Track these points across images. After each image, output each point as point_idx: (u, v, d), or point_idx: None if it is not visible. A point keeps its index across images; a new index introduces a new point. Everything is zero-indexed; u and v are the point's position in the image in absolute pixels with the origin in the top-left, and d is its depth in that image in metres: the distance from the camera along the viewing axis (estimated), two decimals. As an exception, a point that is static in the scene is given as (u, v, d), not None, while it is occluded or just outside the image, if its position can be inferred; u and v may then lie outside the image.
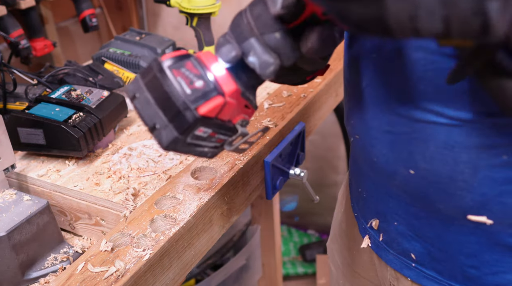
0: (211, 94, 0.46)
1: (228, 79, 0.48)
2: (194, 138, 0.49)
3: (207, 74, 0.47)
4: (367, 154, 0.58)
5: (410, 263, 0.60)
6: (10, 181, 0.85)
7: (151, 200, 0.72)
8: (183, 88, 0.45)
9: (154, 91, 0.46)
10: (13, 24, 1.23)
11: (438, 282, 0.58)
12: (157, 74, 0.45)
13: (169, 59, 0.47)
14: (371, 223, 0.65)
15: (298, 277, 1.92)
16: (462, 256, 0.54)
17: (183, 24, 1.79)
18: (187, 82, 0.45)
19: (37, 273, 0.71)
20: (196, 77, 0.46)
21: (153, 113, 0.46)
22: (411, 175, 0.52)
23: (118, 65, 1.21)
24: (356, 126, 0.60)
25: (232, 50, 0.48)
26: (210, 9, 1.15)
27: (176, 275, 0.68)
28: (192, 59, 0.48)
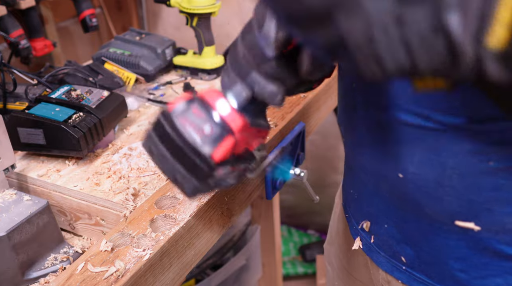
0: (221, 137, 0.46)
1: (235, 115, 0.48)
2: (216, 179, 0.49)
3: (214, 116, 0.47)
4: (357, 156, 0.59)
5: (400, 266, 0.60)
6: (10, 181, 0.85)
7: (151, 200, 0.72)
8: (194, 139, 0.46)
9: (168, 144, 0.47)
10: (13, 24, 1.23)
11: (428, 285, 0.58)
12: (167, 129, 0.46)
13: (176, 107, 0.47)
14: (362, 225, 0.65)
15: (298, 277, 1.92)
16: (451, 260, 0.54)
17: (183, 24, 1.79)
18: (196, 130, 0.46)
19: (37, 273, 0.71)
20: (204, 122, 0.46)
21: (171, 167, 0.47)
22: (400, 179, 0.52)
23: (118, 65, 1.21)
24: (347, 128, 0.60)
25: (242, 92, 0.48)
26: (210, 9, 1.15)
27: (176, 275, 0.68)
28: (197, 103, 0.47)
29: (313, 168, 1.93)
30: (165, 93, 1.16)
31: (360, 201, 0.64)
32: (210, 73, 1.21)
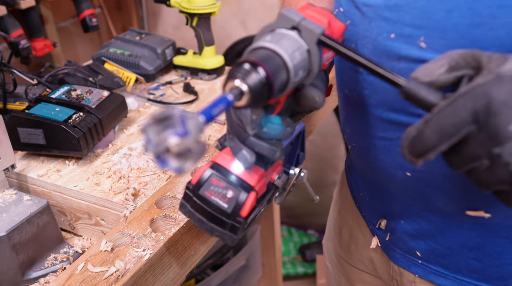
0: (244, 196, 0.52)
1: (249, 172, 0.53)
2: (250, 222, 0.56)
3: (231, 180, 0.53)
4: (365, 160, 0.60)
5: (416, 260, 0.61)
6: (10, 181, 0.85)
7: (151, 200, 0.72)
8: (221, 206, 0.52)
9: (202, 212, 0.53)
10: (13, 24, 1.23)
11: (444, 277, 0.59)
12: (196, 201, 0.53)
13: (199, 181, 0.53)
14: (379, 224, 0.66)
15: (298, 277, 1.92)
16: (466, 250, 0.55)
17: (183, 24, 1.79)
18: (220, 197, 0.52)
19: (37, 273, 0.71)
20: (225, 189, 0.52)
21: (210, 227, 0.54)
22: (409, 177, 0.53)
23: (118, 65, 1.21)
24: (352, 134, 0.61)
25: (247, 157, 0.52)
26: (210, 9, 1.15)
27: (176, 275, 0.68)
28: (214, 172, 0.53)
29: (313, 168, 1.93)
30: (165, 93, 1.16)
31: (373, 201, 0.66)
32: (210, 73, 1.21)
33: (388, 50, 0.49)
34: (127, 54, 1.22)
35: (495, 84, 0.36)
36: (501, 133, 0.35)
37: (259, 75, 0.39)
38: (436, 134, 0.37)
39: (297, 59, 0.42)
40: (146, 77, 1.20)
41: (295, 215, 2.08)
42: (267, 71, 0.39)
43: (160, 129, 0.32)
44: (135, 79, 1.18)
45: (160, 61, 1.23)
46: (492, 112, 0.35)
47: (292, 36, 0.43)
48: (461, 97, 0.36)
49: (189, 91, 1.15)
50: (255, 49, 0.42)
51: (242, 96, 0.39)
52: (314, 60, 0.44)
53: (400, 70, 0.49)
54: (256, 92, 0.39)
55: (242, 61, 0.40)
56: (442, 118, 0.37)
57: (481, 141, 0.36)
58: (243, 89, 0.38)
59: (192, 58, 1.23)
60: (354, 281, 0.81)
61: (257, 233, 1.31)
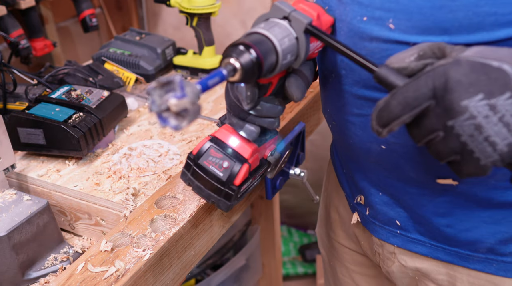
0: (238, 167, 0.59)
1: (244, 146, 0.60)
2: (243, 192, 0.63)
3: (228, 152, 0.60)
4: (344, 137, 0.65)
5: (395, 230, 0.66)
6: (10, 181, 0.85)
7: (151, 200, 0.72)
8: (217, 174, 0.59)
9: (200, 180, 0.61)
10: (13, 24, 1.22)
11: (422, 244, 0.63)
12: (196, 170, 0.61)
13: (199, 151, 0.60)
14: (357, 199, 0.70)
15: (298, 277, 1.92)
16: (439, 217, 0.59)
17: (183, 24, 1.79)
18: (217, 167, 0.59)
19: (37, 273, 0.71)
20: (221, 160, 0.59)
21: (207, 194, 0.62)
22: (383, 150, 0.58)
23: (118, 65, 1.21)
24: (332, 113, 0.66)
25: (253, 129, 0.61)
26: (210, 9, 1.15)
27: (176, 275, 0.68)
28: (213, 144, 0.60)
29: (313, 168, 1.93)
30: (165, 93, 1.16)
31: (353, 177, 0.69)
32: (210, 73, 1.21)
33: (361, 32, 0.54)
34: (127, 54, 1.22)
35: (453, 66, 0.41)
36: (455, 107, 0.41)
37: (251, 56, 0.45)
38: (400, 105, 0.43)
39: (286, 44, 0.49)
40: (146, 77, 1.20)
41: (295, 215, 2.08)
42: (258, 53, 0.45)
43: (162, 92, 0.37)
44: (135, 79, 1.18)
45: (160, 61, 1.23)
46: (448, 89, 0.41)
47: (283, 24, 0.49)
48: (424, 75, 0.42)
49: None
50: (250, 33, 0.48)
51: (235, 72, 0.45)
52: (301, 46, 0.51)
53: (372, 50, 0.53)
54: (248, 70, 0.45)
55: (237, 43, 0.46)
56: (406, 92, 0.43)
57: (438, 115, 0.42)
58: (236, 66, 0.45)
59: (192, 58, 1.23)
60: (346, 261, 0.84)
61: (257, 233, 1.31)
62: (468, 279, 0.62)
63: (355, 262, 0.83)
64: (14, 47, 1.22)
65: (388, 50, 0.52)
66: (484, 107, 0.40)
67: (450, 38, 0.48)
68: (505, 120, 0.40)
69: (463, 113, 0.40)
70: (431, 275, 0.65)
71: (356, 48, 0.55)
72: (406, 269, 0.68)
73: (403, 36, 0.50)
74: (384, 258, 0.71)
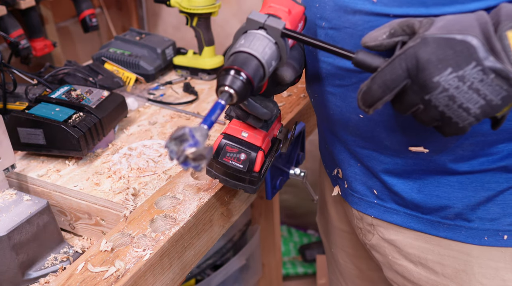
0: (254, 155, 0.65)
1: (254, 135, 0.66)
2: (264, 172, 0.68)
3: (242, 145, 0.66)
4: (325, 109, 0.69)
5: (373, 201, 0.69)
6: (10, 181, 0.85)
7: (151, 200, 0.72)
8: (238, 167, 0.65)
9: (224, 174, 0.67)
10: (13, 24, 1.22)
11: (397, 213, 0.67)
12: (219, 166, 0.67)
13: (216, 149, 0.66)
14: (335, 172, 0.75)
15: (298, 277, 1.91)
16: (411, 183, 0.63)
17: (183, 24, 1.79)
18: (236, 160, 0.65)
19: (37, 273, 0.71)
20: (238, 153, 0.65)
21: (233, 184, 0.68)
22: (361, 119, 0.62)
23: (118, 65, 1.21)
24: (315, 87, 0.69)
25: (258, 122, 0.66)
26: (210, 9, 1.15)
27: (176, 275, 0.68)
28: (227, 142, 0.66)
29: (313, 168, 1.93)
30: (165, 93, 1.16)
31: (333, 151, 0.73)
32: (210, 73, 1.21)
33: (346, 5, 0.58)
34: (127, 54, 1.22)
35: (421, 46, 0.46)
36: (428, 84, 0.46)
37: (242, 78, 0.50)
38: (380, 88, 0.48)
39: (268, 54, 0.53)
40: (146, 77, 1.20)
41: (295, 215, 2.08)
42: (247, 74, 0.50)
43: (177, 143, 0.43)
44: (135, 79, 1.18)
45: (160, 61, 1.23)
46: (420, 68, 0.46)
47: (261, 35, 0.53)
48: (397, 58, 0.47)
49: (189, 91, 1.15)
50: (234, 53, 0.53)
51: (232, 98, 0.50)
52: (282, 50, 0.55)
53: (355, 22, 0.57)
54: (242, 92, 0.50)
55: (226, 69, 0.50)
56: (384, 75, 0.48)
57: (415, 91, 0.47)
58: (232, 93, 0.49)
59: (192, 58, 1.23)
60: (345, 246, 0.87)
61: (257, 233, 1.31)
62: (439, 251, 0.65)
63: (352, 246, 0.85)
64: (14, 47, 1.22)
65: (370, 22, 0.56)
66: (454, 80, 0.45)
67: (427, 10, 0.52)
68: (474, 87, 0.45)
69: (436, 88, 0.45)
70: (403, 249, 0.68)
71: (340, 21, 0.59)
72: (384, 242, 0.71)
73: (384, 9, 0.54)
74: (365, 232, 0.74)
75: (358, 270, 0.88)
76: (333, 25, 0.60)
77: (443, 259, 0.65)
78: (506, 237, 0.60)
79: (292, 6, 0.58)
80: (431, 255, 0.66)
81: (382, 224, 0.70)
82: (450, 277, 0.65)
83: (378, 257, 0.74)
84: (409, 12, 0.53)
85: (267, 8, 0.57)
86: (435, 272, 0.66)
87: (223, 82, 0.50)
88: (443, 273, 0.65)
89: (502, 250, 0.61)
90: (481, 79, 0.44)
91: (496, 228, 0.60)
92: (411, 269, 0.69)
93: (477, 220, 0.61)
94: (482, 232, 0.61)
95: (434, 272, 0.66)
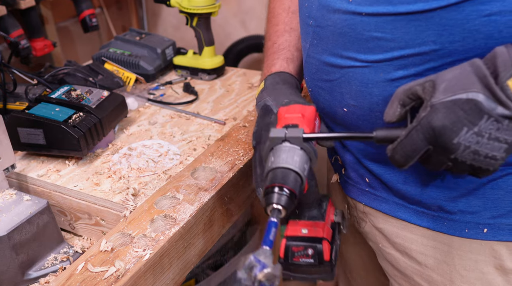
0: (320, 247, 0.65)
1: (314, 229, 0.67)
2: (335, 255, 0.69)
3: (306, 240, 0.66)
4: (316, 102, 0.72)
5: (364, 188, 0.72)
6: (10, 181, 0.85)
7: (151, 200, 0.72)
8: (309, 263, 0.66)
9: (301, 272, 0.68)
10: (13, 24, 1.23)
11: (386, 202, 0.69)
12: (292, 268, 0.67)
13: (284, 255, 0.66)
14: (333, 159, 0.78)
15: (298, 277, 1.92)
16: (397, 173, 0.66)
17: (183, 24, 1.79)
18: (305, 257, 0.66)
19: (37, 273, 0.71)
20: (305, 250, 0.66)
21: (311, 278, 0.68)
22: (345, 112, 0.65)
23: (118, 65, 1.21)
24: (308, 81, 0.72)
25: (311, 211, 0.69)
26: (210, 9, 1.15)
27: (176, 275, 0.68)
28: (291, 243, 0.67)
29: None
30: (165, 93, 1.16)
31: None
32: (210, 73, 1.21)
33: (327, 5, 0.62)
34: (127, 54, 1.22)
35: (433, 114, 0.49)
36: (450, 147, 0.49)
37: (286, 193, 0.54)
38: (403, 158, 0.52)
39: (298, 161, 0.57)
40: (146, 77, 1.20)
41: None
42: (289, 188, 0.54)
43: (248, 271, 0.46)
44: (135, 79, 1.18)
45: (160, 61, 1.23)
46: (438, 135, 0.49)
47: (286, 147, 0.58)
48: (414, 129, 0.51)
49: (189, 91, 1.15)
50: (270, 171, 0.56)
51: (281, 213, 0.53)
52: (309, 152, 0.58)
53: (335, 21, 0.61)
54: (289, 205, 0.54)
55: (269, 187, 0.54)
56: (404, 147, 0.52)
57: (440, 153, 0.50)
58: (280, 209, 0.53)
59: (192, 58, 1.23)
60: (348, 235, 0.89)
61: (257, 233, 1.31)
62: (422, 241, 0.67)
63: (353, 234, 0.86)
64: (14, 47, 1.22)
65: (347, 20, 0.59)
66: (472, 137, 0.48)
67: (394, 8, 0.55)
68: (493, 137, 0.48)
69: (458, 148, 0.48)
70: (391, 238, 0.71)
71: (324, 19, 0.63)
72: (375, 230, 0.73)
73: (358, 8, 0.57)
74: (359, 220, 0.77)
75: (360, 258, 0.90)
76: (318, 23, 0.64)
77: (426, 249, 0.67)
78: (486, 230, 0.62)
79: (304, 109, 0.62)
80: (415, 245, 0.68)
81: (372, 212, 0.72)
82: (432, 268, 0.67)
83: (371, 245, 0.77)
84: (379, 10, 0.56)
85: (283, 120, 0.61)
86: (418, 262, 0.68)
87: (270, 201, 0.53)
88: (425, 263, 0.68)
89: (482, 243, 0.62)
90: (498, 128, 0.47)
91: (477, 221, 0.62)
92: (398, 258, 0.71)
93: (459, 213, 0.63)
94: (463, 224, 0.63)
95: (417, 262, 0.68)
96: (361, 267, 0.91)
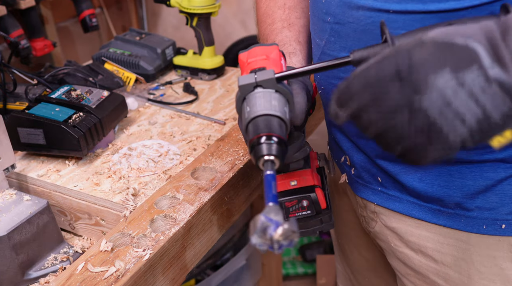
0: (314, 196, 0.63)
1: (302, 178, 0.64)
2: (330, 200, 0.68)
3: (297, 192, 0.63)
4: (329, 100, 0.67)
5: (376, 188, 0.70)
6: (10, 181, 0.85)
7: (151, 200, 0.72)
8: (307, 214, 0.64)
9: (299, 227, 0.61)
10: (13, 24, 1.23)
11: (399, 201, 0.68)
12: None
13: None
14: (342, 159, 0.76)
15: (298, 277, 1.91)
16: (412, 172, 0.64)
17: (183, 24, 1.79)
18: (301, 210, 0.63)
19: (37, 273, 0.71)
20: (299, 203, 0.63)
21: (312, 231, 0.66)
22: None
23: (118, 65, 1.21)
24: (321, 80, 0.72)
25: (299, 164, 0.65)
26: (210, 9, 1.15)
27: (176, 275, 0.68)
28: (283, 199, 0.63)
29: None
30: (165, 93, 1.16)
31: (338, 140, 0.75)
32: (210, 73, 1.21)
33: (349, 1, 0.60)
34: (127, 54, 1.22)
35: (416, 48, 0.41)
36: (422, 84, 0.40)
37: (274, 141, 0.49)
38: (361, 87, 0.43)
39: (276, 105, 0.52)
40: (146, 77, 1.20)
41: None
42: (276, 135, 0.50)
43: (262, 235, 0.41)
44: (135, 79, 1.18)
45: (160, 61, 1.23)
46: (414, 67, 0.40)
47: (260, 92, 0.53)
48: (387, 57, 0.42)
49: (189, 91, 1.15)
50: (249, 122, 0.52)
51: (275, 163, 0.49)
52: (285, 93, 0.54)
53: (358, 17, 0.60)
54: (281, 153, 0.49)
55: (255, 139, 0.50)
56: (368, 73, 0.43)
57: (404, 92, 0.41)
58: (273, 159, 0.49)
59: (192, 58, 1.23)
60: (353, 236, 0.89)
61: (257, 233, 1.31)
62: (438, 239, 0.66)
63: (357, 235, 0.86)
64: (14, 47, 1.22)
65: (372, 17, 0.58)
66: (452, 82, 0.39)
67: (424, 6, 0.53)
68: (473, 95, 0.39)
69: (431, 88, 0.40)
70: (404, 237, 0.69)
71: (344, 16, 0.61)
72: (386, 229, 0.72)
73: (385, 5, 0.56)
74: (369, 220, 0.75)
75: (364, 259, 0.89)
76: (338, 20, 0.63)
77: (443, 247, 0.66)
78: (504, 226, 0.61)
79: (266, 50, 0.58)
80: (431, 243, 0.67)
81: (385, 212, 0.71)
82: (449, 265, 0.66)
83: (382, 244, 0.76)
84: (408, 8, 0.54)
85: (247, 66, 0.57)
86: (435, 260, 0.67)
87: (261, 153, 0.49)
88: (442, 261, 0.67)
89: (500, 239, 0.62)
90: (483, 89, 0.39)
91: (494, 217, 0.61)
92: (412, 257, 0.70)
93: (476, 209, 0.62)
94: (481, 220, 0.62)
95: (433, 260, 0.67)
96: (366, 268, 0.91)
